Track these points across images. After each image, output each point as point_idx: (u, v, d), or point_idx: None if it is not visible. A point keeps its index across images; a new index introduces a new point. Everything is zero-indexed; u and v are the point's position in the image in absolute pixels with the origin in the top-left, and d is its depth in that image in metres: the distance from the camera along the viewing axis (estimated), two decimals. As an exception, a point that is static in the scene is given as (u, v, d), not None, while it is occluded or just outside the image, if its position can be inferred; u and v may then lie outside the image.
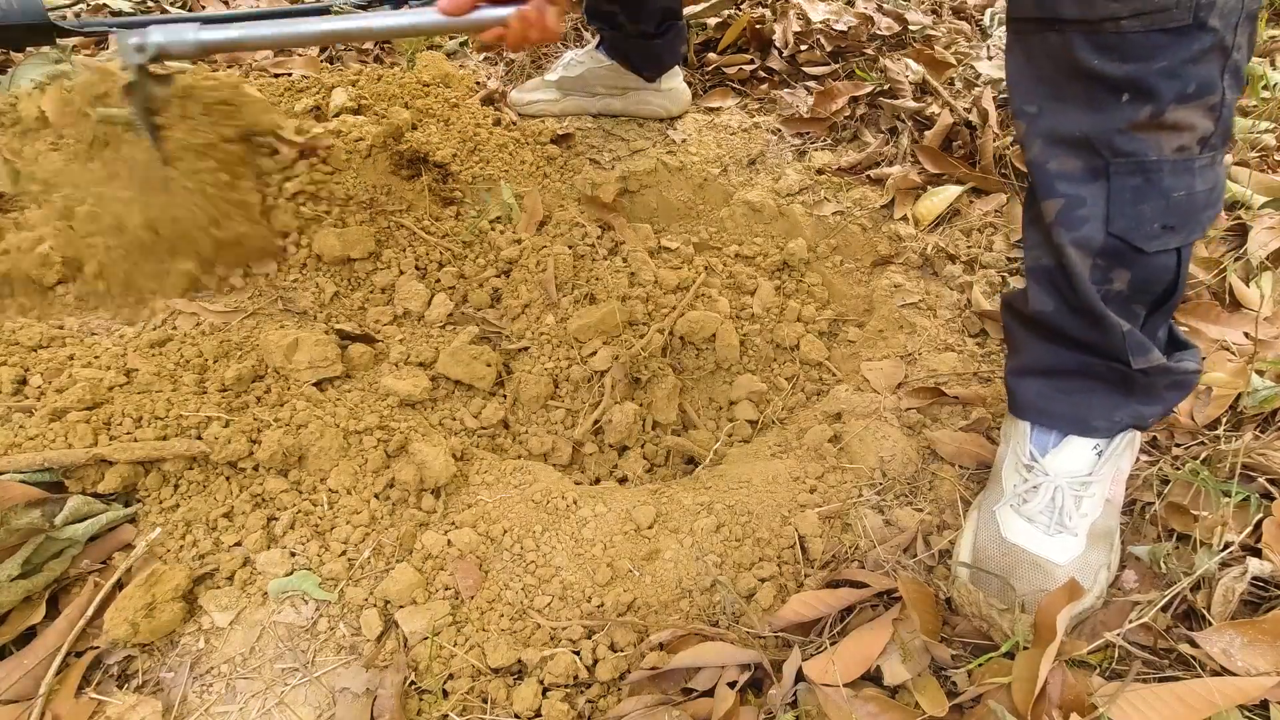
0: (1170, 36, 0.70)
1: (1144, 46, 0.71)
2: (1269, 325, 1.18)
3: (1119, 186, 0.78)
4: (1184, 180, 0.77)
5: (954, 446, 1.08)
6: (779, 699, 0.80)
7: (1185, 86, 0.72)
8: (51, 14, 1.66)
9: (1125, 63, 0.72)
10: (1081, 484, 0.90)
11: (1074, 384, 0.90)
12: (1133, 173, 0.77)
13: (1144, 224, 0.79)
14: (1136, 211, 0.78)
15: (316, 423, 1.03)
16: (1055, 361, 0.91)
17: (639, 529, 1.00)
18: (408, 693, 0.85)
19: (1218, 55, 0.72)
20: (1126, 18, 0.70)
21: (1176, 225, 0.79)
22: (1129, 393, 0.89)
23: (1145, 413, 0.91)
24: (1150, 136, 0.75)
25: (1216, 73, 0.73)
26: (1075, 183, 0.80)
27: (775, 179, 1.61)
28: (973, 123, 1.63)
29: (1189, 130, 0.75)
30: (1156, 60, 0.71)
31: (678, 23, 1.67)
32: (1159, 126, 0.75)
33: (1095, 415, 0.90)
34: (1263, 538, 0.89)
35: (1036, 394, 0.93)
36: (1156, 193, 0.77)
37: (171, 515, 0.97)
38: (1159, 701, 0.73)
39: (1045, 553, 0.88)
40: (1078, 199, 0.80)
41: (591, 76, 1.73)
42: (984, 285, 1.34)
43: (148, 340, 1.15)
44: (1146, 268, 0.81)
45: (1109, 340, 0.85)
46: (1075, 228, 0.81)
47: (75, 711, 0.81)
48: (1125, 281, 0.82)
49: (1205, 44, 0.71)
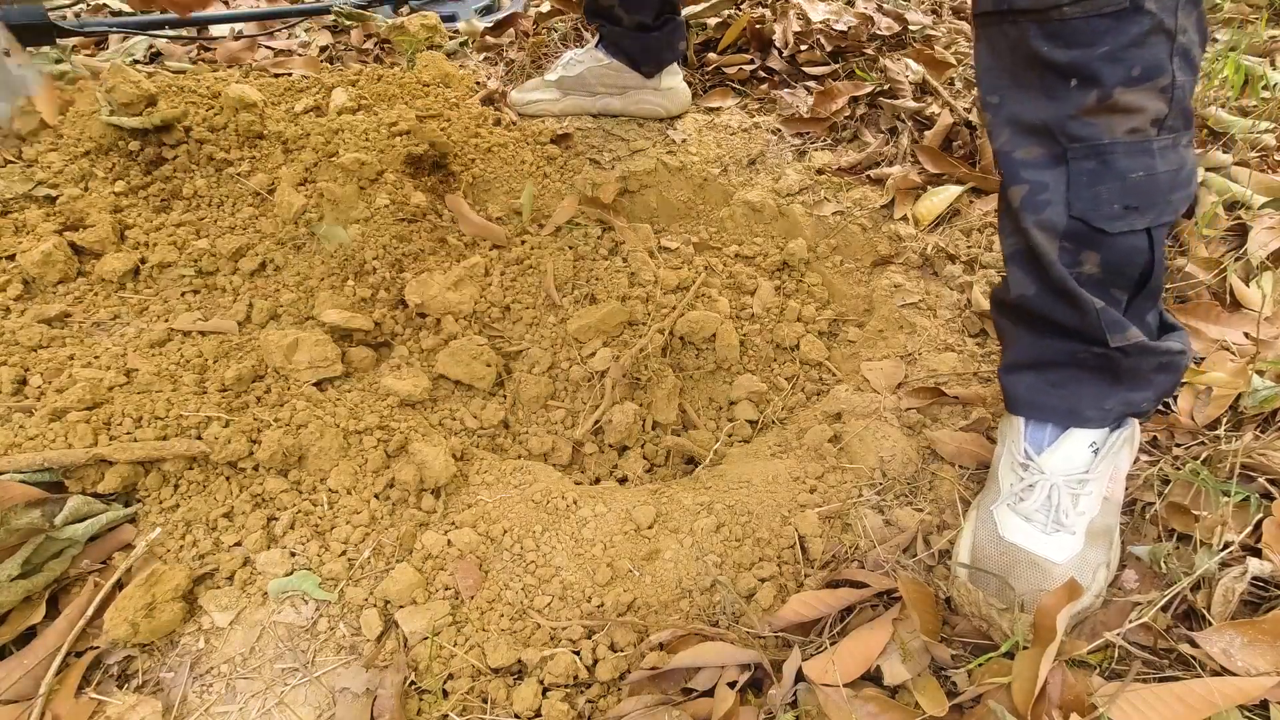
0: (1110, 20, 0.73)
1: (1086, 32, 0.74)
2: (1269, 325, 1.18)
3: (1076, 170, 0.81)
4: (1141, 161, 0.80)
5: (954, 446, 1.08)
6: (779, 699, 0.80)
7: (1129, 70, 0.75)
8: (51, 14, 1.66)
9: (1070, 49, 0.75)
10: (1078, 482, 0.90)
11: (1062, 374, 0.91)
12: (1088, 156, 0.80)
13: (1102, 205, 0.81)
14: (1094, 193, 0.81)
15: (316, 423, 1.03)
16: (1042, 353, 0.92)
17: (639, 529, 1.00)
18: (408, 693, 0.85)
19: (1162, 38, 0.75)
20: (1069, 4, 0.73)
21: (1140, 206, 0.81)
22: (1116, 379, 0.89)
23: (1136, 399, 0.91)
24: (1101, 120, 0.78)
25: (1164, 55, 0.75)
26: (1037, 169, 0.83)
27: (775, 179, 1.61)
28: (973, 123, 1.63)
29: (1140, 112, 0.77)
30: (1099, 45, 0.74)
31: (676, 18, 1.67)
32: (1109, 110, 0.77)
33: (1085, 405, 0.91)
34: (1263, 538, 0.89)
35: (1027, 388, 0.94)
36: (1112, 174, 0.80)
37: (171, 515, 0.97)
38: (1159, 701, 0.73)
39: (1043, 551, 0.88)
40: (1040, 184, 0.83)
41: (591, 75, 1.73)
42: (984, 285, 1.34)
43: (148, 340, 1.15)
44: (1114, 249, 0.83)
45: (1085, 320, 0.86)
46: (1038, 210, 0.84)
47: (75, 711, 0.81)
48: (1095, 263, 0.84)
49: (1144, 26, 0.73)
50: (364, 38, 2.13)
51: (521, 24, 2.19)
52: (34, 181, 1.32)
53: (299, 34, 2.16)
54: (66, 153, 1.38)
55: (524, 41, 2.09)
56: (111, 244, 1.27)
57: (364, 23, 2.16)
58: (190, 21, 1.96)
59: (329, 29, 2.19)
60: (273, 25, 2.16)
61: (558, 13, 2.21)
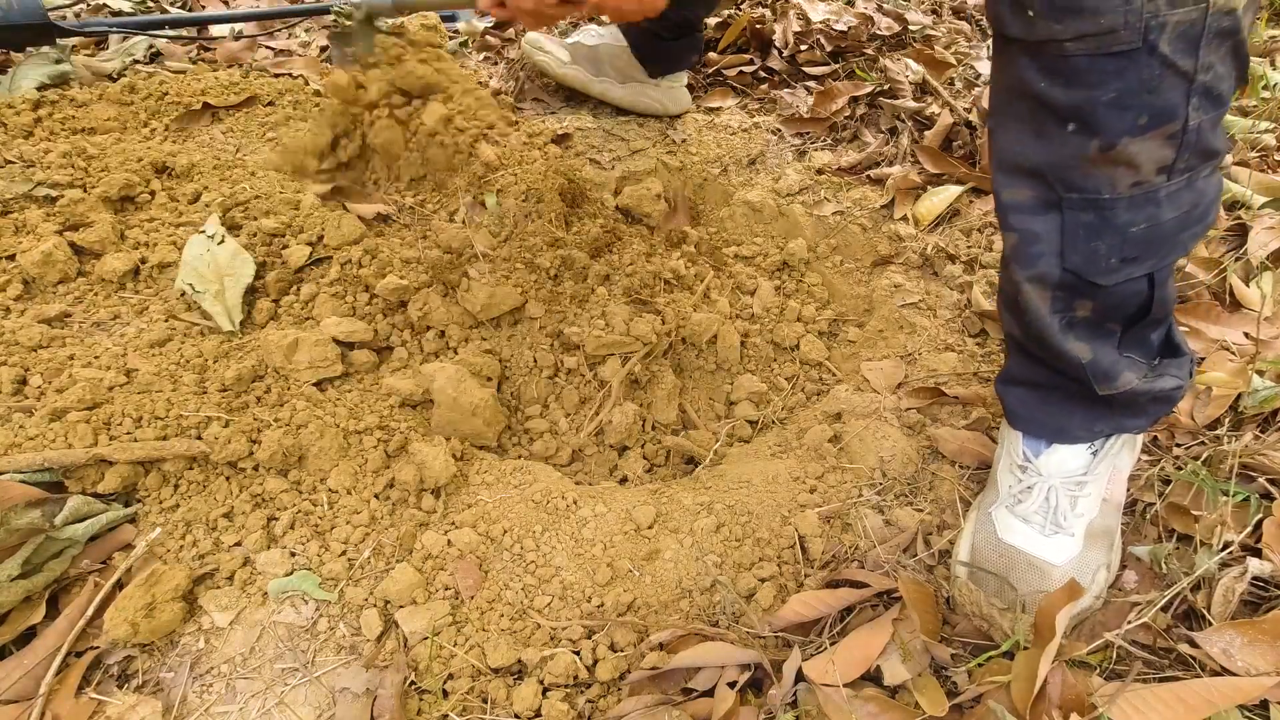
0: (1119, 62, 0.64)
1: (1090, 73, 0.65)
2: (1269, 325, 1.18)
3: (1072, 222, 0.74)
4: (1145, 212, 0.72)
5: (956, 445, 1.08)
6: (779, 699, 0.80)
7: (1137, 118, 0.66)
8: (51, 14, 1.66)
9: (1070, 89, 0.67)
10: (1076, 484, 0.90)
11: (1053, 396, 0.90)
12: (1085, 209, 0.73)
13: (1099, 260, 0.75)
14: (1091, 248, 0.74)
15: (316, 423, 1.03)
16: (1035, 376, 0.91)
17: (639, 529, 1.00)
18: (408, 693, 0.85)
19: (1176, 80, 0.66)
20: (1070, 40, 0.64)
21: (1138, 256, 0.75)
22: (1109, 408, 0.88)
23: (1130, 424, 0.90)
24: (1103, 173, 0.70)
25: (1177, 99, 0.66)
26: (1027, 215, 0.76)
27: (775, 179, 1.61)
28: (973, 123, 1.63)
29: (1143, 165, 0.69)
30: (1104, 89, 0.66)
31: (694, 34, 1.68)
32: (1112, 162, 0.69)
33: (1076, 426, 0.90)
34: (1263, 538, 0.89)
35: (1019, 402, 0.93)
36: (1111, 229, 0.73)
37: (171, 515, 0.97)
38: (1159, 701, 0.73)
39: (1042, 553, 0.88)
40: (1030, 234, 0.76)
41: (605, 52, 1.73)
42: (984, 285, 1.34)
43: (148, 340, 1.15)
44: (1111, 296, 0.78)
45: (1069, 369, 0.84)
46: (1030, 265, 0.77)
47: (75, 711, 0.81)
48: (1089, 309, 0.80)
49: (1156, 70, 0.65)
50: (364, 38, 2.13)
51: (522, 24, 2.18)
52: (34, 182, 1.32)
53: (299, 34, 2.16)
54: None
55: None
56: (111, 244, 1.27)
57: (364, 23, 2.16)
58: (191, 21, 1.96)
59: (329, 29, 2.19)
60: (273, 25, 2.16)
61: None
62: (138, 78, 1.72)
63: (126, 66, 1.85)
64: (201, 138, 1.56)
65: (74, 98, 1.61)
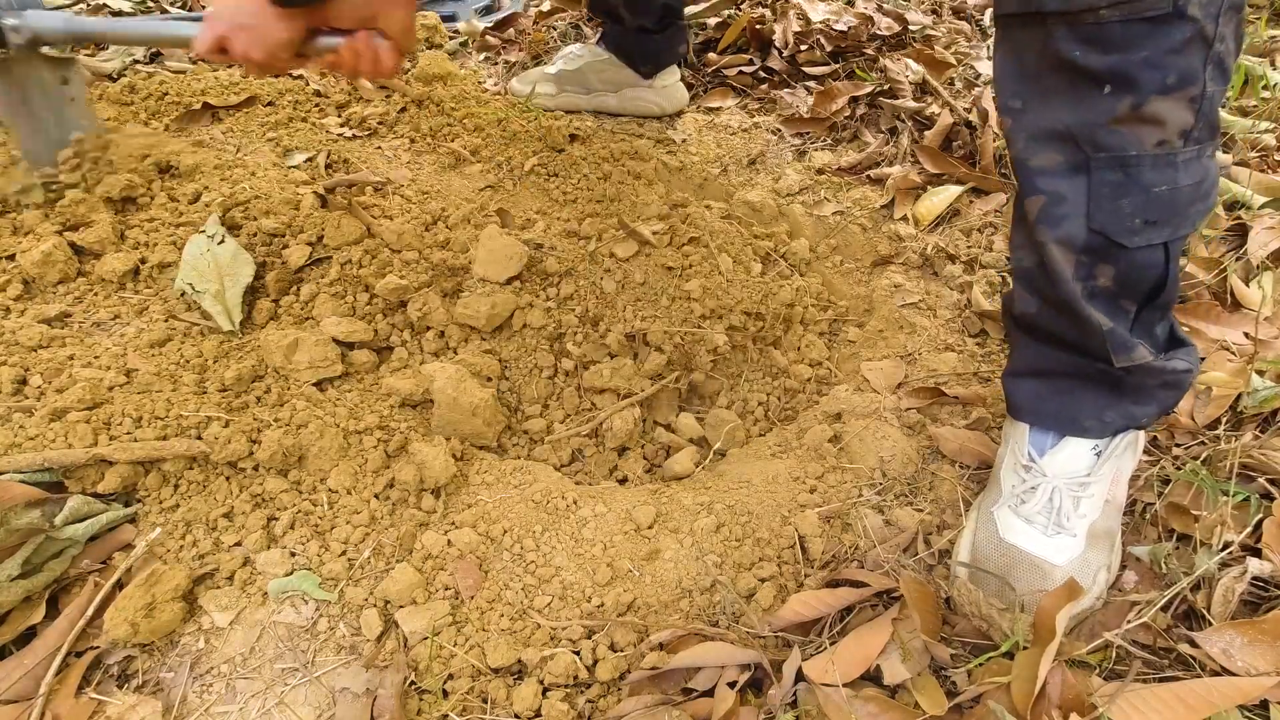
0: (1150, 25, 0.71)
1: (1124, 37, 0.71)
2: (1269, 325, 1.18)
3: (1099, 181, 0.78)
4: (1166, 174, 0.77)
5: (957, 444, 1.08)
6: (779, 699, 0.81)
7: (1165, 77, 0.72)
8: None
9: (1106, 54, 0.72)
10: (1080, 485, 0.90)
11: (1065, 384, 0.91)
12: (1113, 167, 0.77)
13: (1124, 219, 0.79)
14: (1116, 206, 0.78)
15: (316, 423, 1.03)
16: (1046, 363, 0.92)
17: (639, 529, 1.00)
18: (408, 693, 0.85)
19: (1199, 45, 0.72)
20: (1105, 7, 0.70)
21: (1159, 220, 0.79)
22: (1120, 393, 0.89)
23: (1138, 413, 0.91)
24: (1130, 130, 0.75)
25: (1199, 64, 0.73)
26: (1055, 178, 0.80)
27: (775, 179, 1.61)
28: (973, 123, 1.63)
29: (1169, 124, 0.75)
30: (1137, 50, 0.72)
31: (678, 21, 1.68)
32: (1139, 119, 0.75)
33: (1086, 415, 0.90)
34: (1263, 538, 0.89)
35: (1029, 394, 0.94)
36: (1137, 187, 0.77)
37: (171, 515, 0.97)
38: (1159, 701, 0.73)
39: (1043, 553, 0.88)
40: (1058, 195, 0.80)
41: (590, 70, 1.74)
42: (984, 285, 1.34)
43: (148, 340, 1.15)
44: (1131, 263, 0.81)
45: (1091, 339, 0.85)
46: (1057, 225, 0.81)
47: (75, 711, 0.81)
48: (1110, 277, 0.82)
49: (1186, 33, 0.71)
50: (364, 38, 2.13)
51: (521, 23, 2.19)
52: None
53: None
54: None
55: (524, 41, 2.09)
56: (111, 244, 1.27)
57: (364, 23, 2.16)
58: (191, 21, 1.96)
59: None
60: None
61: (557, 11, 2.21)
62: (138, 78, 1.72)
63: (126, 66, 1.85)
64: (202, 137, 1.56)
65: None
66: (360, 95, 1.76)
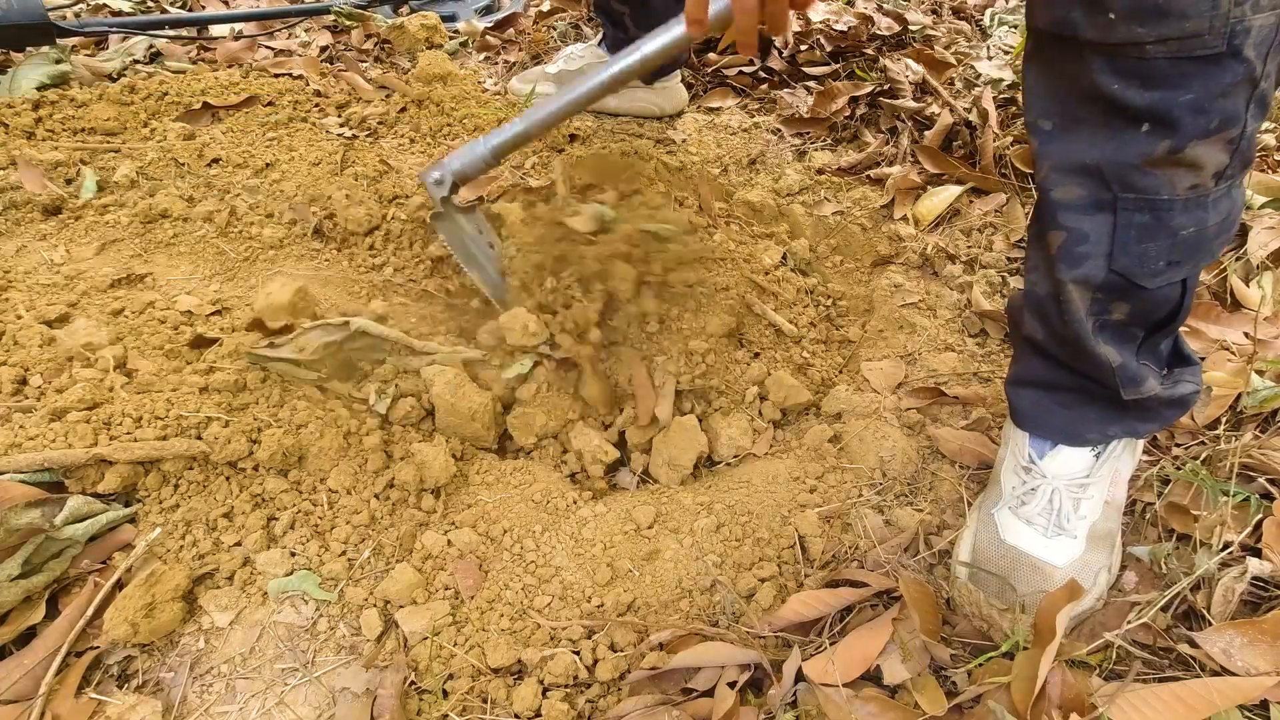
0: (1200, 65, 0.64)
1: (1170, 75, 0.65)
2: (1269, 325, 1.18)
3: (1125, 223, 0.74)
4: (1195, 216, 0.73)
5: (957, 444, 1.08)
6: (779, 699, 0.80)
7: (1209, 122, 0.66)
8: (51, 14, 1.66)
9: (1148, 90, 0.66)
10: (1079, 486, 0.90)
11: (1068, 398, 0.90)
12: (1141, 209, 0.73)
13: (1148, 262, 0.75)
14: (1142, 250, 0.74)
15: (316, 423, 1.03)
16: (1050, 377, 0.90)
17: (639, 529, 1.00)
18: (408, 693, 0.85)
19: (1246, 86, 0.66)
20: (1152, 42, 0.63)
21: (1182, 259, 0.75)
22: (1124, 411, 0.88)
23: (1141, 429, 0.90)
24: (1164, 173, 0.70)
25: (1243, 105, 0.67)
26: (1078, 214, 0.76)
27: (775, 179, 1.61)
28: (973, 123, 1.63)
29: (1205, 168, 0.70)
30: (1183, 91, 0.65)
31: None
32: (1175, 163, 0.69)
33: (1089, 429, 0.90)
34: (1263, 538, 0.89)
35: (1032, 404, 0.93)
36: (1165, 231, 0.73)
37: (171, 515, 0.97)
38: (1159, 701, 0.73)
39: (1044, 555, 0.88)
40: (1080, 233, 0.76)
41: (590, 70, 1.74)
42: (984, 285, 1.34)
43: (149, 341, 1.15)
44: (1148, 300, 0.79)
45: (1099, 373, 0.84)
46: (1077, 264, 0.77)
47: (75, 711, 0.81)
48: (1124, 312, 0.80)
49: (1237, 75, 0.65)
50: (364, 38, 2.13)
51: (521, 23, 2.19)
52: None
53: (299, 34, 2.16)
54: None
55: (524, 41, 2.09)
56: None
57: (364, 23, 2.16)
58: (191, 21, 1.96)
59: (329, 29, 2.19)
60: (273, 25, 2.16)
61: (557, 11, 2.21)
62: (138, 78, 1.72)
63: (126, 66, 1.85)
64: (202, 137, 1.56)
65: (74, 98, 1.61)
66: (360, 95, 1.77)
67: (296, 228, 1.36)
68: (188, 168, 1.46)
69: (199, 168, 1.46)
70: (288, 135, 1.59)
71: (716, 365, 1.18)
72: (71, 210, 1.36)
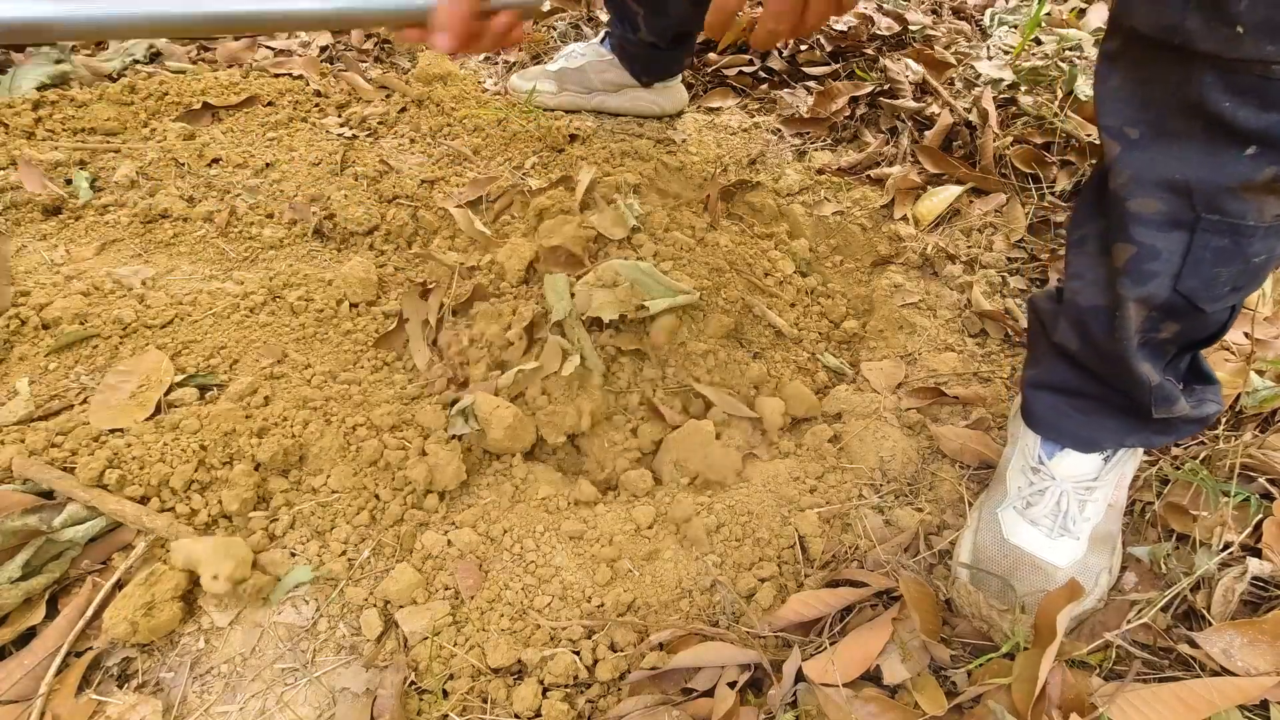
0: None
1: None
2: (1269, 325, 1.18)
3: (1201, 244, 0.70)
4: (1269, 243, 0.70)
5: (958, 444, 1.08)
6: (779, 699, 0.80)
7: None
8: (51, 14, 1.66)
9: (1265, 112, 0.62)
10: (1086, 488, 0.90)
11: (1088, 406, 0.88)
12: (1221, 233, 0.69)
13: (1216, 286, 0.72)
14: (1213, 274, 0.71)
15: (317, 423, 1.03)
16: (1074, 384, 0.88)
17: (639, 529, 1.00)
18: (408, 693, 0.85)
19: None
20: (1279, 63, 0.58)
21: (1244, 285, 0.73)
22: (1144, 423, 0.86)
23: (1157, 441, 0.90)
24: (1257, 200, 0.66)
25: None
26: (1152, 230, 0.71)
27: (775, 179, 1.61)
28: (973, 123, 1.63)
29: None
30: None
31: (690, 40, 1.68)
32: (1271, 190, 0.65)
33: (1106, 438, 0.89)
34: (1263, 538, 0.89)
35: (1049, 409, 0.91)
36: (1239, 257, 0.70)
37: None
38: (1159, 701, 0.73)
39: (1046, 555, 0.88)
40: (1152, 250, 0.72)
41: (591, 70, 1.74)
42: (984, 285, 1.34)
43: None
44: (1200, 322, 0.77)
45: (1135, 390, 0.82)
46: (1142, 282, 0.73)
47: (75, 711, 0.81)
48: (1172, 332, 0.78)
49: None
50: (364, 38, 2.13)
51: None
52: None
53: (299, 34, 2.16)
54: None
55: (524, 41, 2.09)
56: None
57: (364, 22, 2.16)
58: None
59: (328, 29, 2.18)
60: (272, 25, 2.15)
61: (558, 11, 2.21)
62: (138, 78, 1.72)
63: (126, 66, 1.85)
64: (202, 137, 1.56)
65: (74, 98, 1.61)
66: (360, 95, 1.77)
67: (296, 228, 1.37)
68: (188, 168, 1.46)
69: (199, 168, 1.47)
70: (288, 135, 1.59)
71: (716, 367, 1.17)
72: (71, 210, 1.36)
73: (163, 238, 1.33)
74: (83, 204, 1.36)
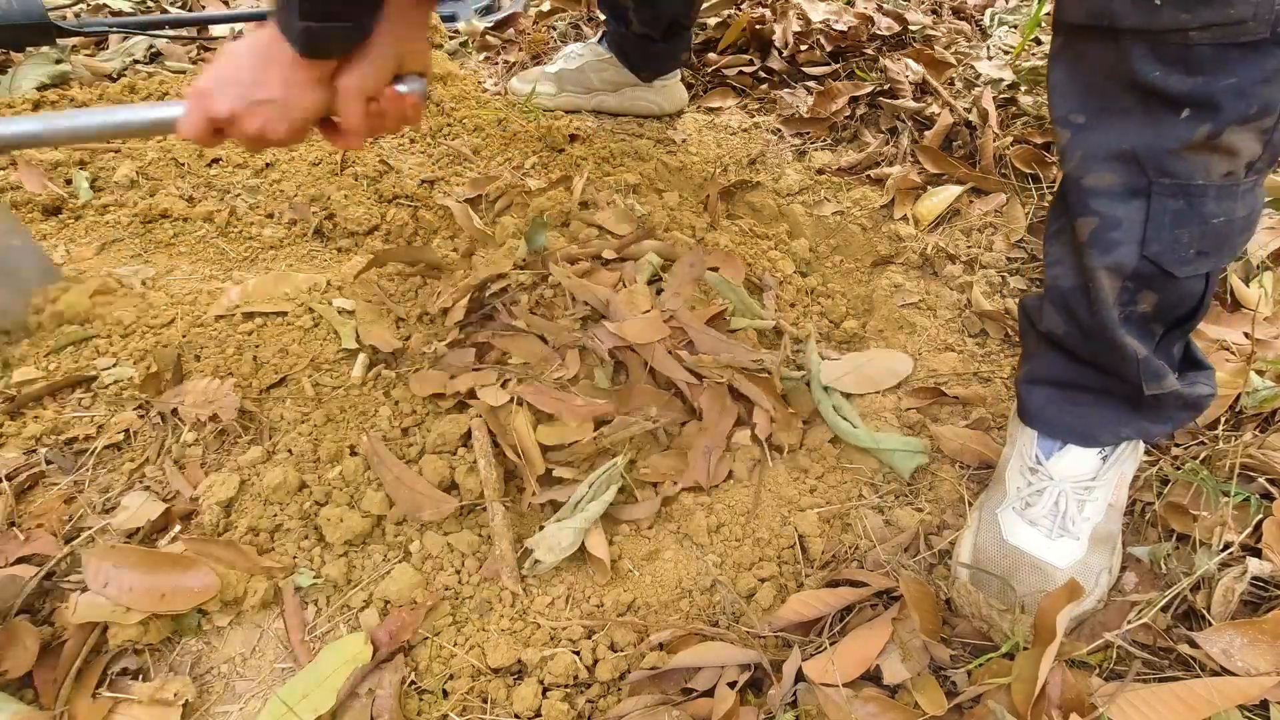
0: (1243, 52, 0.65)
1: (1213, 61, 0.66)
2: (1269, 325, 1.18)
3: (1159, 208, 0.74)
4: (1225, 206, 0.73)
5: (958, 444, 1.08)
6: (779, 699, 0.81)
7: (1248, 107, 0.67)
8: (51, 14, 1.66)
9: (1190, 76, 0.67)
10: (1085, 488, 0.90)
11: (1082, 397, 0.89)
12: (1175, 195, 0.73)
13: (1180, 249, 0.75)
14: (1174, 236, 0.74)
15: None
16: (1066, 375, 0.90)
17: (639, 529, 1.00)
18: (408, 693, 0.85)
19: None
20: (1197, 29, 0.64)
21: (1210, 250, 0.76)
22: (1137, 410, 0.87)
23: (1152, 430, 0.90)
24: (1200, 159, 0.71)
25: (1279, 93, 0.68)
26: (1112, 201, 0.76)
27: (775, 179, 1.61)
28: (973, 123, 1.63)
29: (1240, 154, 0.71)
30: (1226, 76, 0.66)
31: (685, 33, 1.68)
32: (1212, 148, 0.70)
33: (1101, 430, 0.90)
34: (1263, 538, 0.89)
35: (1045, 403, 0.92)
36: (1197, 218, 0.74)
37: (171, 515, 0.97)
38: (1159, 701, 0.73)
39: (1046, 556, 0.88)
40: (1113, 219, 0.76)
41: (590, 69, 1.74)
42: (984, 285, 1.34)
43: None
44: (1175, 291, 0.79)
45: (1123, 366, 0.83)
46: (1109, 250, 0.77)
47: (89, 712, 0.81)
48: (1151, 304, 0.80)
49: (1278, 61, 0.66)
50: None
51: (521, 23, 2.19)
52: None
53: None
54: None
55: (524, 41, 2.09)
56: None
57: (364, 22, 2.16)
58: (191, 21, 1.96)
59: None
60: (272, 25, 2.15)
61: (558, 11, 2.21)
62: (138, 78, 1.72)
63: (126, 66, 1.85)
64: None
65: (74, 98, 1.62)
66: None
67: (296, 228, 1.37)
68: (187, 167, 1.46)
69: (199, 168, 1.47)
70: (288, 135, 1.59)
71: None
72: (71, 210, 1.36)
73: (163, 238, 1.34)
74: (83, 204, 1.37)
